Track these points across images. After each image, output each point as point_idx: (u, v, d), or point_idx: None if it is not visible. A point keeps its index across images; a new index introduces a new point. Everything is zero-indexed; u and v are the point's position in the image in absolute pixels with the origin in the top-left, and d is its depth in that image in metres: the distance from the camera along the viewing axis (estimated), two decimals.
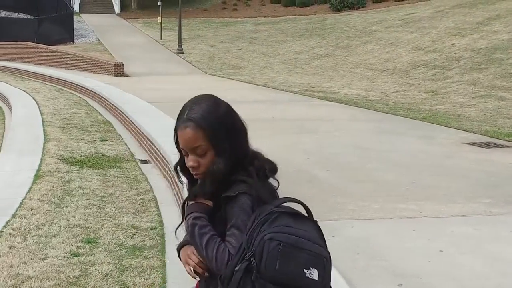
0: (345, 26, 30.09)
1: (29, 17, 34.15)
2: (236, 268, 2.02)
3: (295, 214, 2.11)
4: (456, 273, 4.14)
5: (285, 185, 2.38)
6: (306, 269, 2.00)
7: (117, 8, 43.22)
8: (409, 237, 4.97)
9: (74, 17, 35.82)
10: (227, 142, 2.20)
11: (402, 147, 9.73)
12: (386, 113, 14.06)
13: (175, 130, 2.22)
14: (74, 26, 34.59)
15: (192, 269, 2.21)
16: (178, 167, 2.34)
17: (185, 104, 2.26)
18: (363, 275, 3.84)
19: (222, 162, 2.19)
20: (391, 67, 21.48)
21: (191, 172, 2.25)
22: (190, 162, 2.21)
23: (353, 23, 30.39)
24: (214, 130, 2.18)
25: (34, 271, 4.77)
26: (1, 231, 5.75)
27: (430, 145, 9.97)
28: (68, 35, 33.20)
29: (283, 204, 2.13)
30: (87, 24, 37.88)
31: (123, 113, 13.06)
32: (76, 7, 41.25)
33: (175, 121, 2.21)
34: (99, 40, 33.56)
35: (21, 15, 34.73)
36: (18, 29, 32.42)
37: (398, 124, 12.29)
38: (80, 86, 19.32)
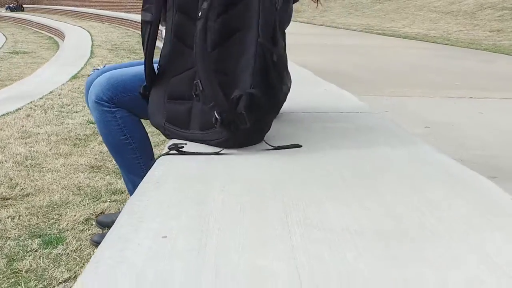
0: None
1: None
2: None
3: None
4: (492, 126, 3.69)
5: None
6: None
7: None
8: (447, 105, 4.53)
9: None
10: None
11: (459, 65, 9.14)
12: (446, 44, 13.38)
13: None
14: None
15: None
16: None
17: None
18: None
19: None
20: (456, 9, 20.48)
21: None
22: None
23: None
24: None
25: (45, 131, 4.56)
26: (22, 107, 5.58)
27: (489, 67, 9.32)
28: None
29: None
30: None
31: None
32: None
33: None
34: None
35: None
36: None
37: (457, 52, 11.63)
38: (135, 21, 19.18)
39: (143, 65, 2.20)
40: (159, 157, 1.58)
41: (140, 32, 1.84)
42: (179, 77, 1.73)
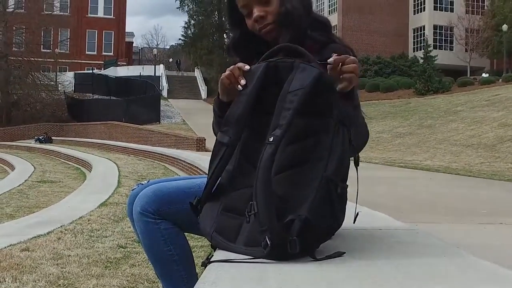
0: (429, 108, 29.64)
1: (119, 99, 35.75)
2: None
3: None
4: None
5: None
6: None
7: (203, 94, 44.56)
8: (477, 231, 4.53)
9: (162, 101, 37.12)
10: None
11: (484, 194, 9.17)
12: (469, 176, 13.45)
13: None
14: (161, 109, 35.77)
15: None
16: (232, 45, 2.10)
17: None
18: None
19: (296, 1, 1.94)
20: (476, 142, 20.75)
21: (258, 26, 1.98)
22: (256, 12, 1.96)
23: (437, 105, 29.92)
24: None
25: (76, 253, 4.60)
26: (52, 230, 5.65)
27: None
28: (154, 116, 34.27)
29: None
30: (174, 107, 39.11)
31: (198, 168, 13.07)
32: (165, 93, 42.85)
33: None
34: (184, 120, 34.45)
35: (113, 97, 36.38)
36: (109, 109, 33.90)
37: (480, 182, 11.67)
38: (161, 154, 19.68)
39: (190, 179, 2.28)
40: (210, 263, 1.60)
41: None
42: (238, 193, 1.73)
